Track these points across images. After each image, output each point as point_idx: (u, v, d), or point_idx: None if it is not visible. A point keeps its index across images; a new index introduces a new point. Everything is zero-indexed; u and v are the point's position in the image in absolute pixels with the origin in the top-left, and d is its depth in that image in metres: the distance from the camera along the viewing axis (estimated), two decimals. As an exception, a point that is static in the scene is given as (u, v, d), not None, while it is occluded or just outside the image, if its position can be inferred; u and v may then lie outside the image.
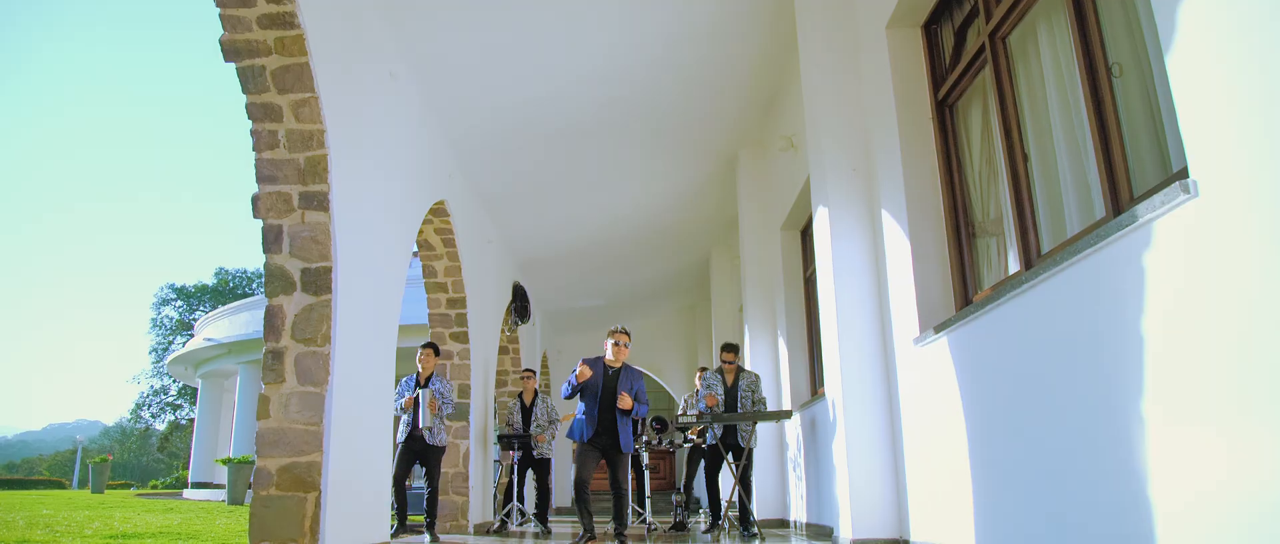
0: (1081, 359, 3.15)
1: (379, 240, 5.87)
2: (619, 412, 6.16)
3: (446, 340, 8.82)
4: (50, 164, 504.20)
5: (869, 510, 5.15)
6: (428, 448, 7.37)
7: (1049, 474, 3.41)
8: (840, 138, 5.86)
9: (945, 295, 4.89)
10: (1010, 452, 3.75)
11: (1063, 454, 3.30)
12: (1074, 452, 3.21)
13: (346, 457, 5.05)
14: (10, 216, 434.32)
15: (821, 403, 7.23)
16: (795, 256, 9.01)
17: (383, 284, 5.92)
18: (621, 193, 10.78)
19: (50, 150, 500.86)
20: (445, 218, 8.19)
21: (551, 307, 15.57)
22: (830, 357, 5.60)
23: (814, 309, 8.64)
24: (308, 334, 4.91)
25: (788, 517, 8.67)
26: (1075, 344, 3.20)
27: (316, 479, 4.70)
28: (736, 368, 7.91)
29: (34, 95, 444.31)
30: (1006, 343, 3.80)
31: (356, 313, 5.31)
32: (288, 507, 4.65)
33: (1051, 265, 3.33)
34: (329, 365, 4.87)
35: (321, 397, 4.82)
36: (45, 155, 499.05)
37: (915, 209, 5.04)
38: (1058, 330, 3.34)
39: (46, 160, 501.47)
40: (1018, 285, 3.63)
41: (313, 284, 4.97)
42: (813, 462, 7.59)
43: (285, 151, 4.99)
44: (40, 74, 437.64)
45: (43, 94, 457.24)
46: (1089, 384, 3.10)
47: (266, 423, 4.79)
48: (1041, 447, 3.47)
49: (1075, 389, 3.20)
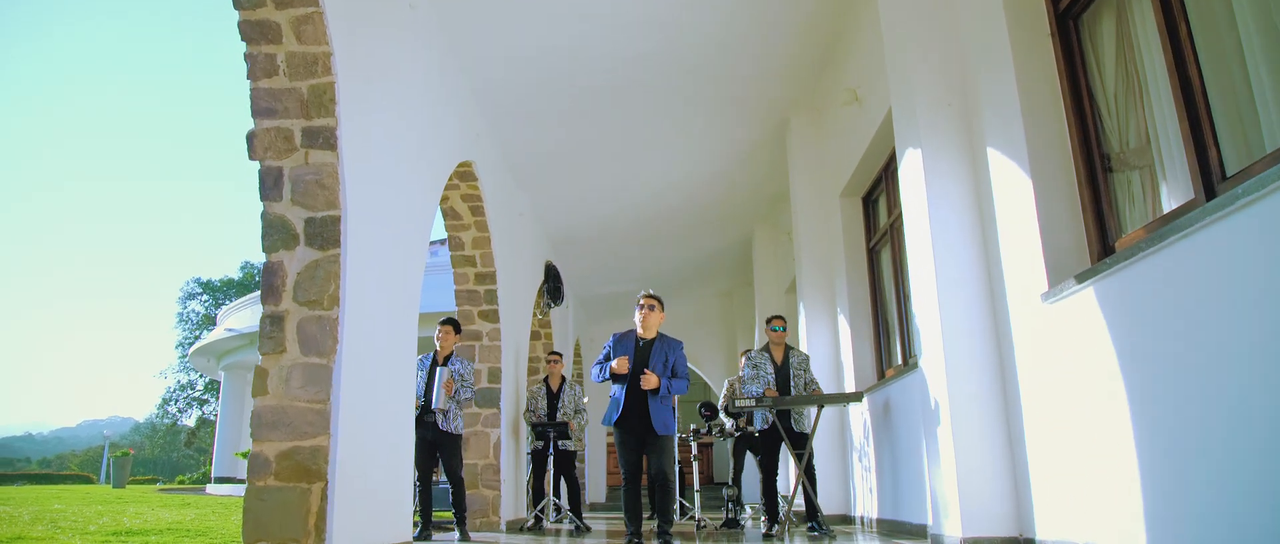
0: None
1: (397, 189, 5.09)
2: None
3: (474, 320, 8.05)
4: (83, 156, 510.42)
5: (981, 504, 4.30)
6: (440, 436, 6.58)
7: (1265, 457, 2.56)
8: (931, 70, 5.01)
9: (1077, 241, 4.03)
10: (1200, 430, 2.89)
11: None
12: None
13: (359, 441, 4.27)
14: (47, 216, 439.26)
15: (898, 383, 6.38)
16: (857, 226, 8.15)
17: (402, 239, 5.14)
18: (658, 163, 9.96)
19: (81, 142, 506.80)
20: (473, 182, 7.41)
21: (584, 292, 14.79)
22: (928, 323, 4.75)
23: (879, 283, 7.79)
24: (312, 295, 4.14)
25: (852, 512, 7.83)
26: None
27: (322, 467, 3.92)
28: (786, 345, 7.08)
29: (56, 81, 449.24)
30: (1185, 293, 2.94)
31: (370, 271, 4.53)
32: (288, 500, 3.88)
33: (1244, 195, 2.50)
34: (337, 332, 4.10)
35: (328, 369, 4.05)
36: (77, 149, 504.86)
37: (1037, 142, 4.17)
38: (1255, 275, 2.49)
39: (79, 153, 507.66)
40: (1193, 222, 2.80)
41: (318, 236, 4.20)
42: (886, 450, 6.74)
43: (285, 79, 4.22)
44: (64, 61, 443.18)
45: (66, 79, 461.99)
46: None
47: (264, 401, 4.03)
48: (1248, 423, 2.62)
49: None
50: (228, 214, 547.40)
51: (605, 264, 13.41)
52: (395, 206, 5.02)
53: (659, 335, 5.58)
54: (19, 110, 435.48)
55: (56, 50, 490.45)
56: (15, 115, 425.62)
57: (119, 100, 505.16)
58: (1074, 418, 3.76)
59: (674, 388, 5.43)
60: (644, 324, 5.50)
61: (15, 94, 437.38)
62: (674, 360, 5.50)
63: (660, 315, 5.58)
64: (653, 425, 5.30)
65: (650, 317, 5.51)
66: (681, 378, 5.49)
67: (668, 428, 5.37)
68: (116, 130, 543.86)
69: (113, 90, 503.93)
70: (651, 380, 5.28)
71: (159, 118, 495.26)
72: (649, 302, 5.55)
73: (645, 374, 5.29)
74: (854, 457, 7.81)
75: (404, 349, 5.16)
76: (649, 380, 5.27)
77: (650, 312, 5.51)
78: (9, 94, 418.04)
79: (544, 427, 8.16)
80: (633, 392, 5.35)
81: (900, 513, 6.37)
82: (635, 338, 5.52)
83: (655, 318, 5.53)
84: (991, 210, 4.56)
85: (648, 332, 5.52)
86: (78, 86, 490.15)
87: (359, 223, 4.38)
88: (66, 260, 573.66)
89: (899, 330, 7.00)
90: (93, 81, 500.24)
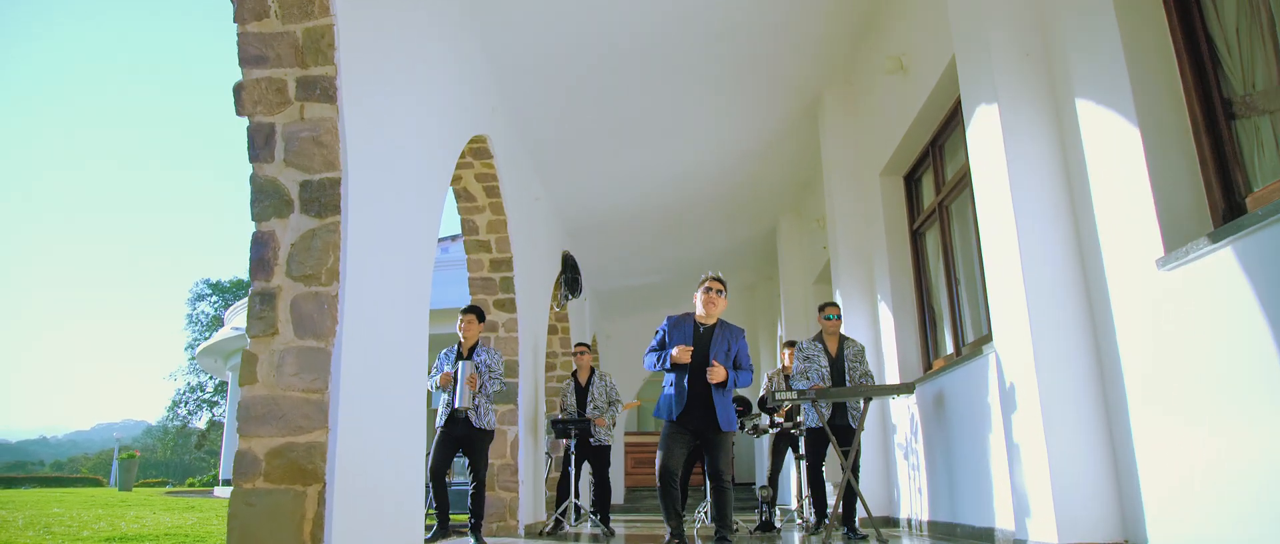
0: None
1: (406, 151, 4.54)
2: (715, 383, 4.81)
3: (491, 309, 7.50)
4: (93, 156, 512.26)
5: (1079, 505, 3.73)
6: (472, 433, 5.99)
7: None
8: (1005, 15, 4.43)
9: (1196, 199, 3.46)
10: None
11: None
12: None
13: (362, 437, 3.73)
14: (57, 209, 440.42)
15: (953, 374, 5.82)
16: (898, 206, 7.58)
17: (412, 208, 4.60)
18: (681, 147, 9.41)
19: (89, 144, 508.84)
20: (488, 161, 6.86)
21: (601, 285, 14.23)
22: (1007, 300, 4.18)
23: (924, 268, 7.22)
24: (308, 269, 3.60)
25: (897, 513, 7.25)
26: None
27: (319, 466, 3.38)
28: (841, 335, 6.51)
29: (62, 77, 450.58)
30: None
31: (375, 242, 3.99)
32: (279, 505, 3.34)
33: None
34: (337, 311, 3.56)
35: (326, 353, 3.51)
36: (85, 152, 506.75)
37: (1143, 88, 3.60)
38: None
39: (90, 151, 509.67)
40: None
41: (315, 202, 3.66)
42: (939, 447, 6.17)
43: (278, 21, 3.68)
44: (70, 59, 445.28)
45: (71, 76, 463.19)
46: None
47: (252, 390, 3.49)
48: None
49: None
50: (242, 213, 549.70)
51: (623, 256, 12.87)
52: (403, 171, 4.47)
53: (720, 322, 5.04)
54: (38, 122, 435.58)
55: (59, 46, 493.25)
56: (33, 124, 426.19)
57: (117, 97, 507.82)
58: (1200, 403, 3.19)
59: (739, 381, 4.89)
60: (707, 308, 4.95)
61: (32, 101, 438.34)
62: (737, 350, 4.96)
63: (724, 302, 5.04)
64: (717, 421, 4.75)
65: (714, 302, 4.96)
66: (746, 369, 4.95)
67: (732, 424, 4.82)
68: (122, 123, 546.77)
69: (111, 88, 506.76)
70: (720, 373, 4.73)
71: (166, 110, 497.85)
72: (715, 284, 4.99)
73: (712, 366, 4.74)
74: (898, 454, 7.24)
75: (414, 331, 4.61)
76: (716, 373, 4.72)
77: (716, 295, 4.96)
78: (14, 98, 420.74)
79: (566, 423, 7.59)
80: (695, 383, 4.81)
81: (958, 515, 5.80)
82: (694, 323, 4.98)
83: (720, 303, 4.99)
84: (1082, 169, 3.99)
85: (709, 318, 4.97)
86: (78, 84, 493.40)
87: (362, 187, 3.84)
88: (80, 260, 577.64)
89: (951, 317, 6.43)
90: (97, 77, 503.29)
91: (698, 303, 4.99)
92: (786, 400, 5.89)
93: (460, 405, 5.87)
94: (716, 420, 4.76)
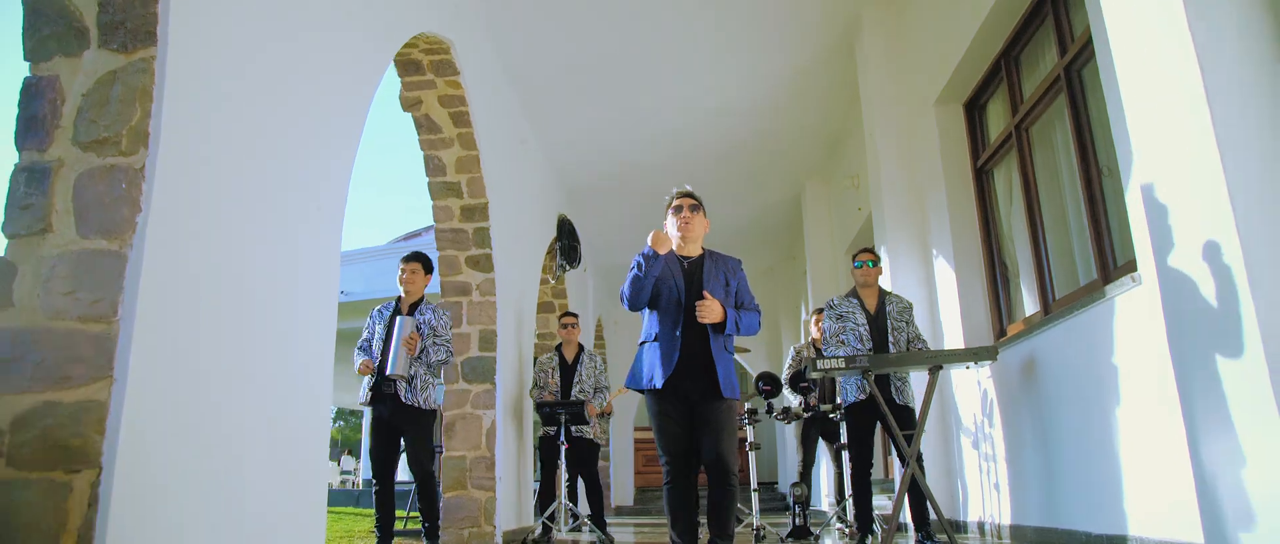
0: None
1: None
2: (710, 326, 3.42)
3: (461, 268, 6.15)
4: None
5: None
6: (404, 412, 4.59)
7: None
8: None
9: None
10: None
11: None
12: None
13: (178, 393, 2.37)
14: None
15: (1047, 335, 4.46)
16: (958, 140, 6.19)
17: (304, 24, 3.21)
18: (694, 92, 8.04)
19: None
20: (453, 78, 5.50)
21: (605, 260, 12.84)
22: (1184, 199, 2.77)
23: (991, 213, 5.85)
24: (102, 131, 2.26)
25: (961, 515, 5.86)
26: None
27: (93, 442, 2.03)
28: (880, 288, 5.15)
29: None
30: None
31: (226, 90, 2.62)
32: (22, 505, 1.99)
33: None
34: (140, 194, 2.22)
35: (122, 259, 2.17)
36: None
37: None
38: None
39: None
40: None
41: (119, 28, 2.32)
42: (1027, 431, 4.79)
43: None
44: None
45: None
46: None
47: (3, 315, 2.16)
48: None
49: None
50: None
51: (630, 224, 11.45)
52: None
53: (708, 252, 3.66)
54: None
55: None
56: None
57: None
58: None
59: (743, 324, 3.50)
60: (684, 233, 3.58)
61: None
62: (736, 284, 3.58)
63: (705, 220, 3.65)
64: (717, 383, 3.37)
65: (690, 221, 3.57)
66: (751, 310, 3.57)
67: (734, 389, 3.42)
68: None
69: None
70: (715, 308, 3.35)
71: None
72: (685, 200, 3.60)
73: (704, 298, 3.37)
74: (963, 441, 5.86)
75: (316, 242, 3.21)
76: (710, 308, 3.35)
77: (691, 213, 3.58)
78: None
79: (552, 407, 6.21)
80: (687, 331, 3.42)
81: (1060, 519, 4.41)
82: (675, 257, 3.59)
83: (698, 224, 3.60)
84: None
85: (689, 245, 3.60)
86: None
87: (200, 5, 2.49)
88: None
89: (1037, 269, 5.04)
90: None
91: (671, 230, 3.60)
92: (830, 371, 4.44)
93: (393, 372, 4.47)
94: (717, 382, 3.37)
